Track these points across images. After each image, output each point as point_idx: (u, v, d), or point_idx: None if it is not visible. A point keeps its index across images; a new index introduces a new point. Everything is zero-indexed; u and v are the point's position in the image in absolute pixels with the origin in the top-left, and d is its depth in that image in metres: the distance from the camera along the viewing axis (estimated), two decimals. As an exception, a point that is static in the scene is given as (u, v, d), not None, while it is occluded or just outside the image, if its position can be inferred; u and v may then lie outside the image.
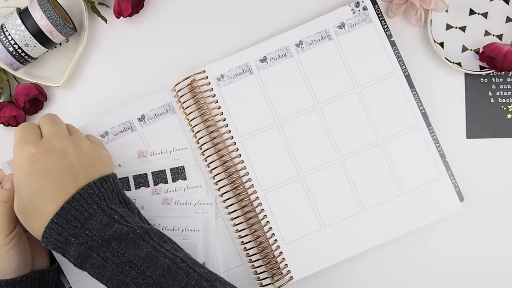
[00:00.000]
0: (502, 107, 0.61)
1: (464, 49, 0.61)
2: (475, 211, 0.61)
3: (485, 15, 0.60)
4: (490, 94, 0.61)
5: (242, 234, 0.58)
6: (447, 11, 0.60)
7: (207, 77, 0.59)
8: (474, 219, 0.61)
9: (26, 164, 0.47)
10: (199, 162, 0.59)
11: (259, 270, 0.57)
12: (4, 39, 0.55)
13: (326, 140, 0.59)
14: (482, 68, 0.60)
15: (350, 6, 0.59)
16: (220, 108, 0.59)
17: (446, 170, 0.59)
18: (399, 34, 0.60)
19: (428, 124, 0.59)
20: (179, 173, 0.59)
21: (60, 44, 0.61)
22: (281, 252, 0.58)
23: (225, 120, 0.58)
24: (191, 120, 0.58)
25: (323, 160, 0.59)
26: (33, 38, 0.55)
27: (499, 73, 0.61)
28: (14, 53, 0.56)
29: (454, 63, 0.60)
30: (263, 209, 0.58)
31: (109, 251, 0.45)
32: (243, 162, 0.58)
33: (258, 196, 0.58)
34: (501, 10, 0.60)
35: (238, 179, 0.58)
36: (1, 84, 0.60)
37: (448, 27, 0.61)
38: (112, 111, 0.59)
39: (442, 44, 0.61)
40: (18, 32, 0.55)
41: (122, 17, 0.58)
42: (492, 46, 0.58)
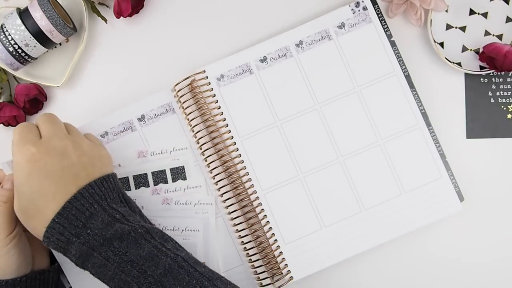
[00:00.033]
0: (502, 107, 0.61)
1: (464, 49, 0.61)
2: (475, 211, 0.61)
3: (485, 15, 0.60)
4: (490, 94, 0.61)
5: (242, 234, 0.58)
6: (447, 11, 0.60)
7: (207, 77, 0.59)
8: (474, 219, 0.61)
9: (26, 164, 0.47)
10: (199, 162, 0.59)
11: (259, 270, 0.57)
12: (4, 39, 0.55)
13: (326, 140, 0.59)
14: (482, 68, 0.60)
15: (350, 6, 0.59)
16: (220, 108, 0.59)
17: (446, 170, 0.59)
18: (399, 34, 0.60)
19: (428, 124, 0.59)
20: (179, 173, 0.59)
21: (60, 44, 0.61)
22: (281, 252, 0.58)
23: (225, 120, 0.58)
24: (191, 120, 0.58)
25: (323, 160, 0.59)
26: (33, 38, 0.55)
27: (499, 73, 0.61)
28: (14, 53, 0.56)
29: (454, 63, 0.60)
30: (263, 209, 0.58)
31: (110, 250, 0.45)
32: (243, 162, 0.58)
33: (258, 196, 0.58)
34: (501, 10, 0.60)
35: (238, 179, 0.58)
36: (1, 84, 0.60)
37: (448, 27, 0.61)
38: (112, 111, 0.59)
39: (442, 44, 0.61)
40: (18, 32, 0.55)
41: (122, 17, 0.58)
42: (492, 46, 0.58)
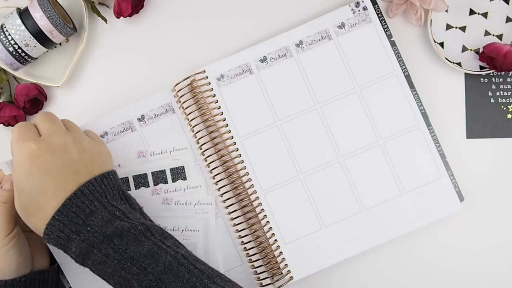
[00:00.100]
0: (502, 107, 0.61)
1: (464, 49, 0.61)
2: (475, 211, 0.61)
3: (485, 15, 0.60)
4: (490, 94, 0.61)
5: (242, 234, 0.58)
6: (447, 11, 0.60)
7: (207, 77, 0.59)
8: (474, 219, 0.61)
9: (26, 161, 0.47)
10: (199, 162, 0.59)
11: (259, 270, 0.57)
12: (4, 39, 0.55)
13: (326, 140, 0.59)
14: (482, 68, 0.60)
15: (350, 6, 0.59)
16: (220, 108, 0.59)
17: (446, 170, 0.59)
18: (399, 34, 0.60)
19: (428, 124, 0.59)
20: (179, 173, 0.59)
21: (60, 44, 0.61)
22: (281, 252, 0.58)
23: (225, 120, 0.58)
24: (191, 120, 0.58)
25: (323, 160, 0.59)
26: (33, 38, 0.55)
27: (499, 73, 0.61)
28: (14, 53, 0.56)
29: (454, 63, 0.60)
30: (263, 209, 0.58)
31: (110, 247, 0.45)
32: (243, 162, 0.58)
33: (258, 196, 0.58)
34: (501, 10, 0.60)
35: (238, 179, 0.58)
36: (1, 84, 0.60)
37: (448, 27, 0.61)
38: (112, 111, 0.59)
39: (442, 44, 0.61)
40: (18, 32, 0.55)
41: (122, 17, 0.58)
42: (492, 46, 0.58)
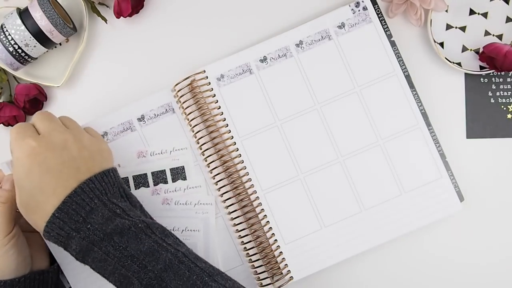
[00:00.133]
0: (502, 107, 0.61)
1: (464, 49, 0.61)
2: (475, 211, 0.61)
3: (485, 15, 0.60)
4: (490, 94, 0.61)
5: (242, 234, 0.58)
6: (447, 11, 0.60)
7: (207, 77, 0.59)
8: (474, 219, 0.61)
9: (26, 159, 0.46)
10: (199, 162, 0.59)
11: (259, 270, 0.57)
12: (4, 39, 0.55)
13: (326, 140, 0.59)
14: (482, 68, 0.60)
15: (350, 6, 0.59)
16: (220, 108, 0.59)
17: (446, 170, 0.59)
18: (399, 34, 0.60)
19: (428, 124, 0.59)
20: (179, 173, 0.59)
21: (60, 44, 0.61)
22: (281, 252, 0.58)
23: (225, 120, 0.58)
24: (191, 120, 0.58)
25: (323, 160, 0.59)
26: (33, 38, 0.55)
27: (499, 73, 0.61)
28: (14, 53, 0.56)
29: (454, 63, 0.60)
30: (263, 209, 0.58)
31: (111, 245, 0.45)
32: (243, 162, 0.58)
33: (258, 196, 0.58)
34: (501, 10, 0.60)
35: (238, 179, 0.58)
36: (1, 84, 0.60)
37: (448, 27, 0.61)
38: (111, 111, 0.59)
39: (442, 44, 0.61)
40: (18, 32, 0.55)
41: (122, 17, 0.58)
42: (492, 46, 0.58)
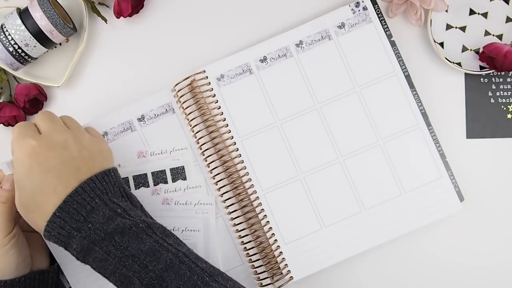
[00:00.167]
0: (502, 107, 0.61)
1: (464, 49, 0.61)
2: (475, 211, 0.61)
3: (485, 15, 0.60)
4: (490, 94, 0.61)
5: (242, 234, 0.58)
6: (447, 11, 0.60)
7: (207, 77, 0.59)
8: (474, 219, 0.61)
9: (27, 159, 0.46)
10: (199, 162, 0.59)
11: (259, 270, 0.57)
12: (4, 39, 0.55)
13: (326, 140, 0.59)
14: (482, 68, 0.60)
15: (350, 6, 0.59)
16: (220, 108, 0.59)
17: (446, 170, 0.59)
18: (399, 34, 0.60)
19: (428, 124, 0.59)
20: (179, 173, 0.59)
21: (60, 44, 0.61)
22: (281, 252, 0.58)
23: (225, 120, 0.58)
24: (191, 120, 0.58)
25: (323, 160, 0.59)
26: (33, 38, 0.55)
27: (499, 73, 0.61)
28: (14, 53, 0.56)
29: (454, 63, 0.60)
30: (263, 209, 0.58)
31: (111, 244, 0.45)
32: (243, 162, 0.58)
33: (258, 196, 0.58)
34: (501, 10, 0.60)
35: (238, 179, 0.58)
36: (1, 84, 0.60)
37: (448, 27, 0.61)
38: (112, 111, 0.59)
39: (442, 44, 0.61)
40: (18, 32, 0.55)
41: (122, 17, 0.58)
42: (492, 46, 0.58)
